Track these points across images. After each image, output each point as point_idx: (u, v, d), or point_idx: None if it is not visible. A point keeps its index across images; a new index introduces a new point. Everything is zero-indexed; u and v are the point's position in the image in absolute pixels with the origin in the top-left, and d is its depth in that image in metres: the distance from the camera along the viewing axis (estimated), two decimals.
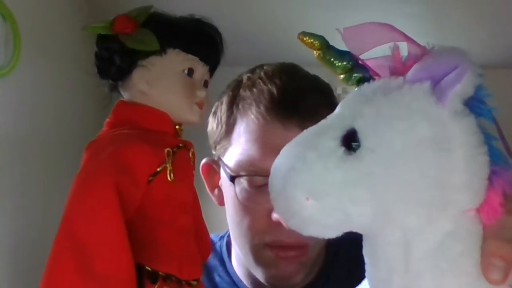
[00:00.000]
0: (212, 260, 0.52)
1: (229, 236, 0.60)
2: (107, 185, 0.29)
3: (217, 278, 0.56)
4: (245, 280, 0.56)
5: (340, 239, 0.54)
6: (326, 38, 0.39)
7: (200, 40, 0.36)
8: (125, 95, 0.34)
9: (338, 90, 2.94)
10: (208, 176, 0.54)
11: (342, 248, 0.56)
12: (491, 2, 2.20)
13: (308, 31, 0.39)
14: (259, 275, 0.51)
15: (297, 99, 0.48)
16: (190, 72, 0.34)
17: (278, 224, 0.46)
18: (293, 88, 0.49)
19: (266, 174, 0.42)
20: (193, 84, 0.34)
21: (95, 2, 2.31)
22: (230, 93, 0.52)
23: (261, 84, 0.49)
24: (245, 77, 0.53)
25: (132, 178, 0.29)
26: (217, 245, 0.59)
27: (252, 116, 0.47)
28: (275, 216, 0.45)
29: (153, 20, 0.33)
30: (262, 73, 0.51)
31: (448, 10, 2.27)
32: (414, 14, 2.33)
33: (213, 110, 0.54)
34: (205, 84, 0.36)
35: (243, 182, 0.46)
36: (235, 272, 0.57)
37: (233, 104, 0.50)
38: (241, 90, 0.51)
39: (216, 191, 0.53)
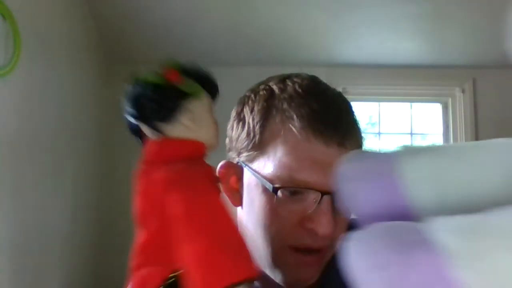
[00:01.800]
0: None
1: None
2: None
3: None
4: None
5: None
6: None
7: (214, 87, 0.43)
8: (171, 132, 0.40)
9: (338, 90, 2.94)
10: (225, 178, 0.56)
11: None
12: (492, 2, 2.20)
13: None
14: (277, 276, 0.52)
15: (338, 118, 0.50)
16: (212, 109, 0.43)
17: (308, 230, 0.48)
18: (333, 107, 0.51)
19: (305, 186, 0.47)
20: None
21: (95, 1, 2.31)
22: (265, 103, 0.52)
23: (300, 98, 0.50)
24: (276, 88, 0.53)
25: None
26: None
27: (294, 131, 0.49)
28: (308, 225, 0.48)
29: (186, 71, 0.40)
30: (297, 87, 0.52)
31: (449, 10, 2.27)
32: (414, 14, 2.34)
33: (237, 115, 0.57)
34: None
35: (282, 192, 0.49)
36: None
37: (269, 115, 0.51)
38: (276, 102, 0.51)
39: (232, 192, 0.56)
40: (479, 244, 0.22)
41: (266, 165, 0.50)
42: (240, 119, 0.55)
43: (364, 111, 2.88)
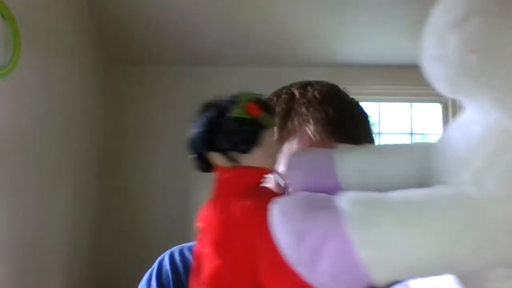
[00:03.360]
0: None
1: None
2: None
3: None
4: None
5: None
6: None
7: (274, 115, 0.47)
8: (244, 162, 0.42)
9: None
10: None
11: None
12: None
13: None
14: None
15: (350, 124, 0.53)
16: None
17: None
18: (347, 114, 0.54)
19: None
20: None
21: (95, 1, 2.31)
22: (285, 106, 0.56)
23: (317, 104, 0.54)
24: (297, 93, 0.56)
25: None
26: None
27: (309, 133, 0.52)
28: None
29: (264, 105, 0.43)
30: (316, 93, 0.55)
31: None
32: (415, 14, 2.33)
33: None
34: None
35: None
36: None
37: (288, 117, 0.55)
38: (296, 105, 0.55)
39: None
40: (368, 212, 0.29)
41: (281, 162, 0.53)
42: None
43: None
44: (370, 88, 2.74)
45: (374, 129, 0.56)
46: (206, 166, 0.44)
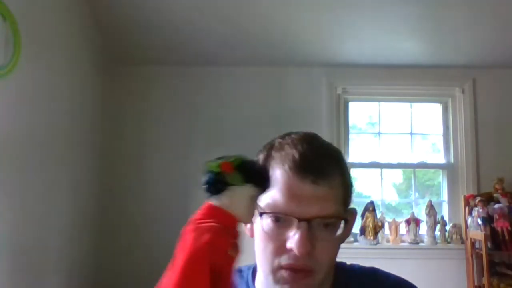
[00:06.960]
0: (240, 285, 0.72)
1: (255, 265, 0.75)
2: (204, 266, 0.51)
3: None
4: None
5: (350, 271, 0.70)
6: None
7: (263, 181, 0.59)
8: (214, 201, 0.57)
9: (338, 90, 2.91)
10: None
11: (353, 280, 0.71)
12: (491, 2, 2.20)
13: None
14: None
15: (312, 162, 0.64)
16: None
17: (289, 250, 0.62)
18: (310, 154, 0.65)
19: (286, 213, 0.62)
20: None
21: (95, 2, 2.32)
22: (266, 153, 0.68)
23: (288, 148, 0.65)
24: (277, 142, 0.69)
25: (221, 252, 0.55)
26: (245, 273, 0.75)
27: (280, 171, 0.64)
28: (288, 245, 0.61)
29: (242, 165, 0.57)
30: (289, 140, 0.67)
31: (448, 10, 2.28)
32: (414, 14, 2.34)
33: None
34: None
35: (268, 218, 0.63)
36: None
37: (267, 161, 0.67)
38: (273, 152, 0.67)
39: (249, 225, 0.69)
40: None
41: (264, 198, 0.62)
42: None
43: (364, 111, 2.88)
44: (370, 88, 2.75)
45: (349, 169, 0.72)
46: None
